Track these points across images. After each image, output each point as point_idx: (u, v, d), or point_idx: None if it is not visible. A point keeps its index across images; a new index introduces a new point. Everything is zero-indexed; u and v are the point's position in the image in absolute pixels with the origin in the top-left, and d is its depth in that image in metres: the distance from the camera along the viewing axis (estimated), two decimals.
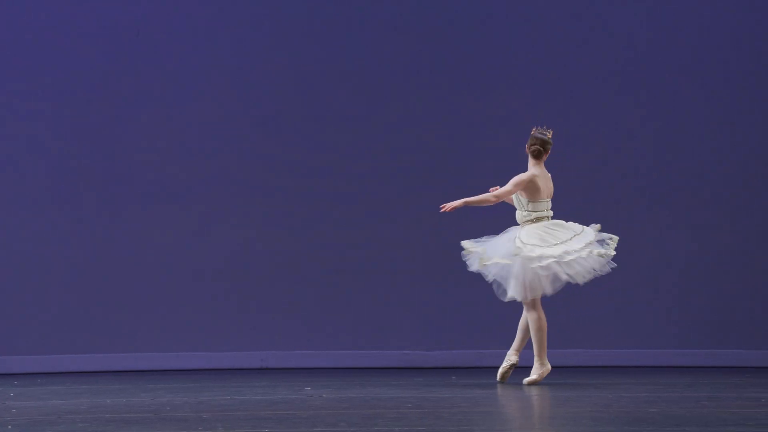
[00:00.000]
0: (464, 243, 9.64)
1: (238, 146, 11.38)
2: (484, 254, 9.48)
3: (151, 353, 11.20)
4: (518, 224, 9.58)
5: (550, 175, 9.58)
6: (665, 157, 11.25)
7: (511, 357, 9.60)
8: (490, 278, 9.53)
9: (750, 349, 11.11)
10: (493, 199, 9.58)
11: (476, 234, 11.07)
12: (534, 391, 9.04)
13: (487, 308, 11.27)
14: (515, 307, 11.20)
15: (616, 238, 9.50)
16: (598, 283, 10.90)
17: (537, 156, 9.50)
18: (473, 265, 9.57)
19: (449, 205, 9.63)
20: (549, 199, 9.57)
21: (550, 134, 9.56)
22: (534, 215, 9.51)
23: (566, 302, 11.18)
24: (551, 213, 9.57)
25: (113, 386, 9.69)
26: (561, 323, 11.13)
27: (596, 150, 11.26)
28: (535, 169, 9.49)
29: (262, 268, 11.33)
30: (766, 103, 11.24)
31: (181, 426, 7.20)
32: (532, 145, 9.53)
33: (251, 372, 10.99)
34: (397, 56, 11.38)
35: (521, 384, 9.48)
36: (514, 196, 9.57)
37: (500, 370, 9.62)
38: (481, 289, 11.23)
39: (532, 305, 9.50)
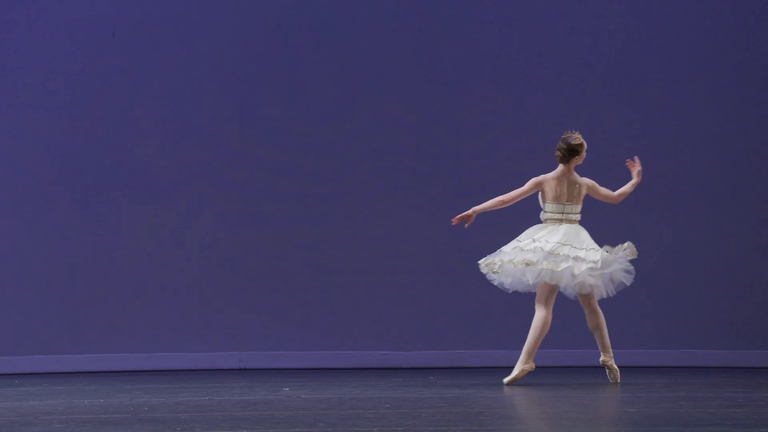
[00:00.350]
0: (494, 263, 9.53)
1: (213, 148, 11.34)
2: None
3: (128, 354, 11.17)
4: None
5: (579, 180, 9.52)
6: (656, 158, 11.24)
7: (602, 359, 9.57)
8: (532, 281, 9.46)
9: (726, 349, 11.14)
10: (508, 199, 9.53)
11: (457, 234, 11.09)
12: (512, 392, 9.04)
13: (465, 309, 11.28)
14: (492, 307, 11.20)
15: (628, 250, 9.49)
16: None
17: (560, 160, 9.51)
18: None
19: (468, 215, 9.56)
20: (565, 203, 9.52)
21: (575, 138, 9.51)
22: (544, 216, 9.52)
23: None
24: (571, 217, 9.53)
25: (90, 387, 9.65)
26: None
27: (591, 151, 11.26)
28: (554, 173, 9.51)
29: (240, 268, 11.30)
30: (759, 103, 11.21)
31: (159, 427, 7.17)
32: (556, 150, 9.54)
33: (229, 372, 10.96)
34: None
35: (500, 384, 9.47)
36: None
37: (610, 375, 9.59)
38: (460, 290, 11.25)
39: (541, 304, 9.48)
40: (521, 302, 11.22)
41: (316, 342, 11.30)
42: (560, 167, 9.53)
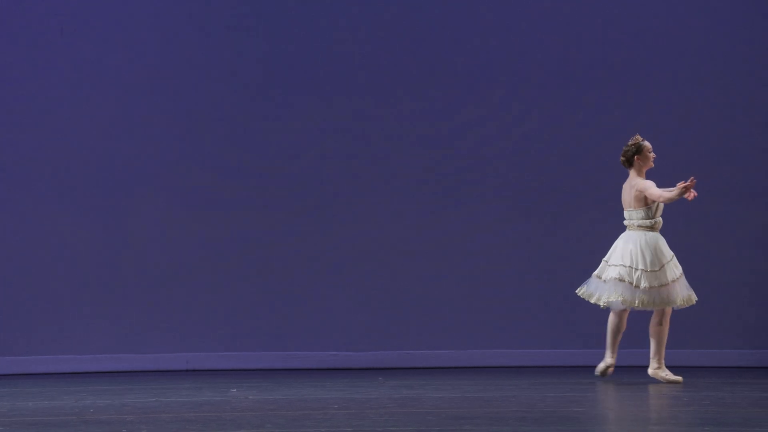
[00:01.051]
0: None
1: (143, 146, 11.26)
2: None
3: (74, 356, 11.08)
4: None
5: (631, 183, 9.46)
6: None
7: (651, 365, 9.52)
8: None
9: (670, 349, 11.17)
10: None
11: (404, 235, 11.09)
12: (458, 392, 9.05)
13: (414, 309, 11.27)
14: (441, 308, 11.20)
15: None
16: (518, 284, 10.95)
17: (624, 165, 9.50)
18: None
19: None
20: (625, 209, 9.50)
21: (634, 142, 9.46)
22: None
23: (490, 303, 11.22)
24: (626, 223, 9.49)
25: (34, 389, 9.57)
26: (485, 323, 11.18)
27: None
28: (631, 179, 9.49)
29: (186, 269, 11.24)
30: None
31: (105, 429, 7.12)
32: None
33: (176, 374, 10.90)
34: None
35: (448, 384, 9.48)
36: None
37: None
38: (407, 290, 11.24)
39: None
40: (469, 302, 11.23)
41: (264, 343, 11.26)
42: (631, 172, 9.48)
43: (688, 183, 9.22)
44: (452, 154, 11.30)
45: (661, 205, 9.43)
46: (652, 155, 9.50)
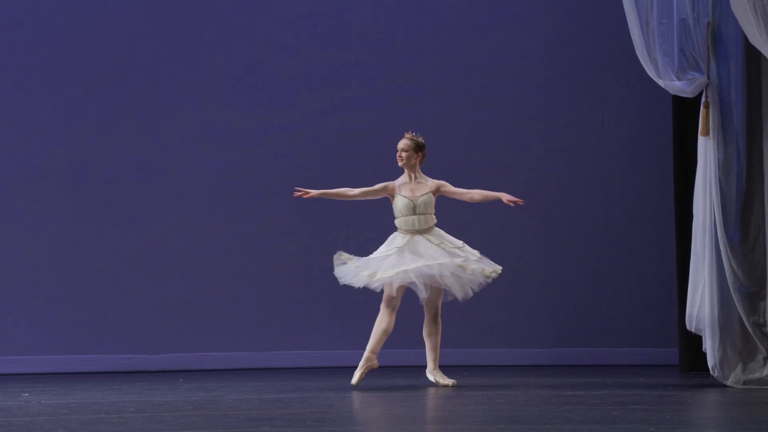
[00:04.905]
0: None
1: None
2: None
3: None
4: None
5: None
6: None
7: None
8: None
9: (455, 348, 11.36)
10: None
11: (203, 236, 11.03)
12: (256, 394, 9.04)
13: (211, 310, 11.21)
14: (240, 309, 11.17)
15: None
16: (326, 285, 10.93)
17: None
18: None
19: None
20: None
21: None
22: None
23: (287, 305, 11.25)
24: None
25: None
26: (286, 324, 11.20)
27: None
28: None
29: None
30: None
31: None
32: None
33: None
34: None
35: (243, 388, 9.46)
36: (429, 201, 9.41)
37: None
38: (204, 292, 11.17)
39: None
40: (265, 302, 11.23)
41: (57, 346, 11.05)
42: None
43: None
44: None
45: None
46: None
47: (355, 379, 9.25)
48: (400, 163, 9.52)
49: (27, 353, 11.01)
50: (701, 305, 9.29)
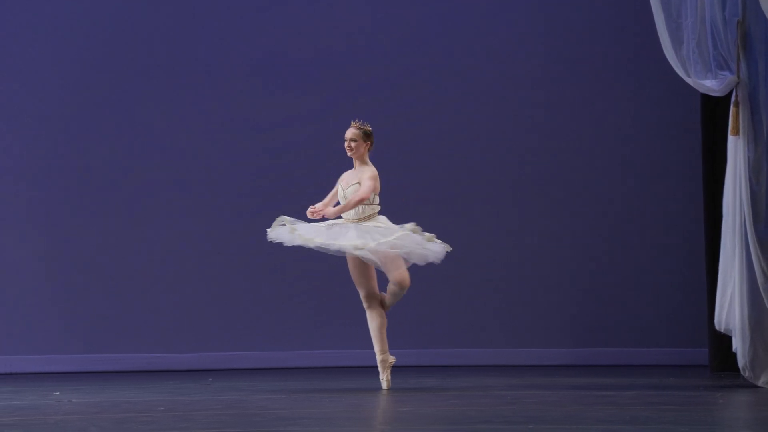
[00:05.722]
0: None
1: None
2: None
3: None
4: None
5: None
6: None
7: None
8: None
9: (495, 348, 11.35)
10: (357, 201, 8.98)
11: (226, 236, 11.05)
12: (289, 393, 9.05)
13: (240, 309, 11.23)
14: (267, 308, 11.19)
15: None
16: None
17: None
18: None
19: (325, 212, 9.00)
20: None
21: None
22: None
23: (322, 305, 11.26)
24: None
25: None
26: (314, 324, 11.22)
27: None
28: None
29: (13, 270, 11.06)
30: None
31: None
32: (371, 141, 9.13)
33: None
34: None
35: (275, 388, 9.48)
36: (352, 191, 9.01)
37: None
38: (233, 291, 11.20)
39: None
40: (294, 302, 11.25)
41: (87, 346, 11.09)
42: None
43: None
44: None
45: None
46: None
47: (385, 384, 9.12)
48: (349, 153, 9.11)
49: (58, 352, 11.06)
50: (731, 305, 9.25)
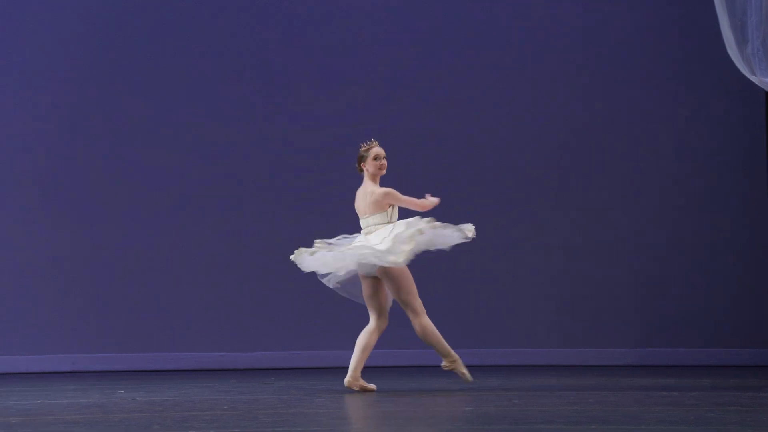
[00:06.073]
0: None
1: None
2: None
3: None
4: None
5: (366, 191, 9.10)
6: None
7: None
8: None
9: (551, 348, 11.30)
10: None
11: (288, 235, 11.08)
12: (349, 392, 9.07)
13: (302, 309, 11.26)
14: (325, 308, 11.21)
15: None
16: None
17: (359, 171, 9.18)
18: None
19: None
20: (361, 217, 9.11)
21: (364, 147, 9.09)
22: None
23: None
24: (365, 230, 9.14)
25: None
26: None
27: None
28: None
29: (72, 268, 11.12)
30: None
31: None
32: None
33: (62, 375, 10.77)
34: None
35: (337, 387, 9.50)
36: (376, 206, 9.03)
37: None
38: (292, 290, 11.23)
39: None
40: (356, 304, 11.26)
41: (151, 344, 11.17)
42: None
43: (435, 201, 9.00)
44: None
45: (397, 209, 9.06)
46: (378, 162, 9.04)
47: (467, 376, 9.09)
48: (383, 171, 9.09)
49: (122, 351, 11.15)
50: None
